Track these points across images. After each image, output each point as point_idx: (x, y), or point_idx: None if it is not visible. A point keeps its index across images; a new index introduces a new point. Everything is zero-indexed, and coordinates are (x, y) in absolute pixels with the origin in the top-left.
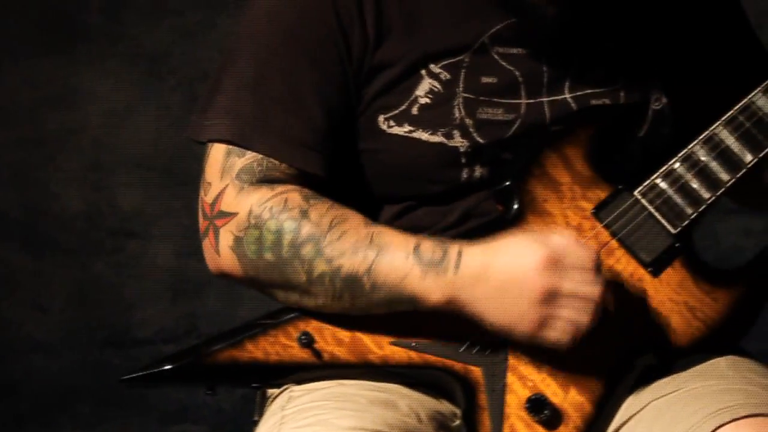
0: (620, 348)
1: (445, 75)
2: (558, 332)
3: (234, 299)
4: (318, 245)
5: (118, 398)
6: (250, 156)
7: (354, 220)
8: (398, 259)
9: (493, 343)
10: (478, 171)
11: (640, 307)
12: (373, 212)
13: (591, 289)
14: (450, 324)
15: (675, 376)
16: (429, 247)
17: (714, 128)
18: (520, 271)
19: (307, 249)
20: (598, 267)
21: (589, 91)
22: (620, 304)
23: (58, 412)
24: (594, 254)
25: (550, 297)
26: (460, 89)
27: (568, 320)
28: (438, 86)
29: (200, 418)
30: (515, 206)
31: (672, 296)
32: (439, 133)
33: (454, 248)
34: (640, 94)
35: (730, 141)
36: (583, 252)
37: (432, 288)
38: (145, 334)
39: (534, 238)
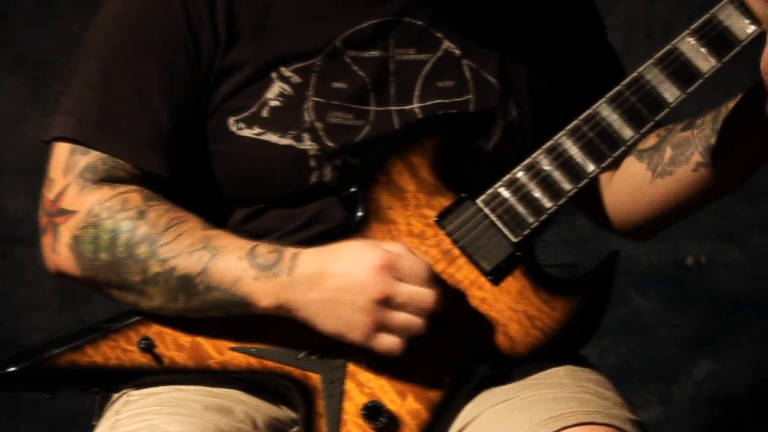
0: (459, 356)
1: (295, 78)
2: (389, 340)
3: (120, 305)
4: (153, 246)
5: (5, 405)
6: (94, 154)
7: (192, 222)
8: (232, 262)
9: (333, 349)
10: (327, 175)
11: (479, 316)
12: (223, 215)
13: (424, 296)
14: (290, 330)
15: (512, 384)
16: (264, 250)
17: (558, 138)
18: (354, 277)
19: (141, 249)
20: (431, 274)
21: (438, 101)
22: (460, 312)
23: None
24: (428, 263)
25: (383, 304)
26: (311, 93)
27: (400, 328)
28: (288, 89)
29: (89, 425)
30: (359, 213)
31: (512, 305)
32: (289, 135)
33: (288, 252)
34: (490, 105)
35: (573, 151)
36: (417, 259)
37: (264, 291)
38: (32, 340)
39: (369, 244)
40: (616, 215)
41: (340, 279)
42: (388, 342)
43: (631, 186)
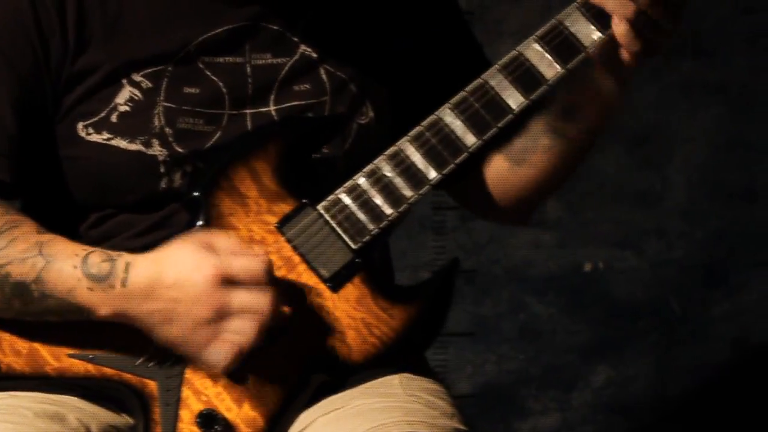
0: (297, 364)
1: (146, 83)
2: (219, 353)
3: None
4: None
5: None
6: None
7: (26, 227)
8: (66, 270)
9: (170, 357)
10: (177, 181)
11: (317, 323)
12: (75, 219)
13: (260, 301)
14: (128, 337)
15: (346, 392)
16: (97, 259)
17: (400, 143)
18: (188, 289)
19: None
20: (267, 270)
21: (294, 103)
22: (298, 320)
23: None
24: (263, 260)
25: (218, 316)
26: (161, 98)
27: (232, 340)
28: (138, 94)
29: None
30: (200, 222)
31: (350, 312)
32: (138, 141)
33: (121, 261)
34: (345, 108)
35: (416, 157)
36: (251, 257)
37: (100, 301)
38: None
39: (201, 249)
40: (489, 205)
41: (174, 290)
42: (215, 357)
43: (495, 177)
